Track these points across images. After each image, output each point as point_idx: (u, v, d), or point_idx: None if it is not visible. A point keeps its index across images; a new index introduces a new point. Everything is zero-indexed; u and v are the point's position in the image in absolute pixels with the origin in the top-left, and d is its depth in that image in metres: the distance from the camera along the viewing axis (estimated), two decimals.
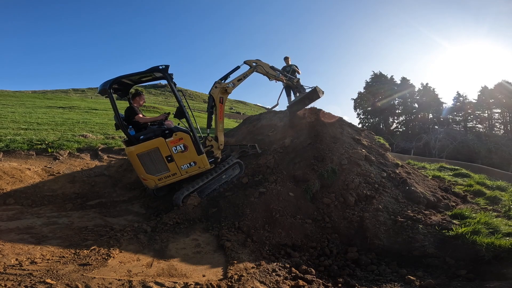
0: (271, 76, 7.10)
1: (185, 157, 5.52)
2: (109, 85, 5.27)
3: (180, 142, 5.44)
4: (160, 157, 5.40)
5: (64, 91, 49.62)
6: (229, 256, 3.86)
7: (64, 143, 7.97)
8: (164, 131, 5.43)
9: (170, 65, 5.41)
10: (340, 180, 5.78)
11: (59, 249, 3.69)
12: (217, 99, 6.22)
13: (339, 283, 3.63)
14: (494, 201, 5.99)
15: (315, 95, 7.41)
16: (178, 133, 5.43)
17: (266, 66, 6.93)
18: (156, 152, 5.38)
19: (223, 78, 6.41)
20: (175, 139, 5.41)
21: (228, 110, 49.17)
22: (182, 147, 5.46)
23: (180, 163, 5.51)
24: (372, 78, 48.09)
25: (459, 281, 3.62)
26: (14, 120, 11.52)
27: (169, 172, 5.50)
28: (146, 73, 5.47)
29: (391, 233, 4.71)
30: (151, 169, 5.42)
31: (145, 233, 4.36)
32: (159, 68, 5.31)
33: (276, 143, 7.44)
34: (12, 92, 35.21)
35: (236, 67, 6.61)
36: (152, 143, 5.34)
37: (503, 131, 41.84)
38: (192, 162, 5.58)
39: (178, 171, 5.55)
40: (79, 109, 19.08)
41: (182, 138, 5.45)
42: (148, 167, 5.40)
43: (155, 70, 5.35)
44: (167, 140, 5.38)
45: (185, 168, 5.57)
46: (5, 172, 6.05)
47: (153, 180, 5.48)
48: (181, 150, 5.46)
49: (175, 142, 5.42)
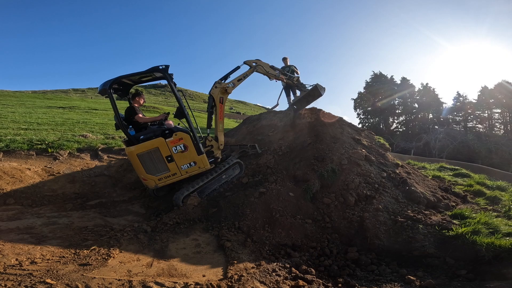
0: (271, 76, 7.13)
1: (185, 157, 5.51)
2: (109, 85, 5.26)
3: (180, 142, 5.43)
4: (160, 157, 5.39)
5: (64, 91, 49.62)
6: (229, 256, 3.86)
7: (64, 143, 7.97)
8: (164, 131, 5.42)
9: (170, 65, 5.43)
10: (340, 180, 5.78)
11: (59, 249, 3.69)
12: (217, 99, 6.23)
13: (339, 283, 3.63)
14: (494, 201, 5.99)
15: (317, 92, 7.35)
16: (178, 133, 5.43)
17: (266, 66, 6.95)
18: (156, 152, 5.37)
19: (223, 78, 6.42)
20: (175, 139, 5.41)
21: (228, 110, 49.18)
22: (182, 147, 5.46)
23: (180, 163, 5.51)
24: (372, 78, 48.07)
25: (459, 281, 3.62)
26: (14, 120, 11.52)
27: (169, 172, 5.49)
28: (146, 73, 5.47)
29: (391, 233, 4.71)
30: (151, 169, 5.41)
31: (145, 233, 4.36)
32: (159, 68, 5.32)
33: (276, 143, 7.43)
34: (12, 92, 35.20)
35: (236, 67, 6.63)
36: (152, 143, 5.33)
37: (503, 131, 41.82)
38: (192, 162, 5.58)
39: (178, 171, 5.54)
40: (79, 109, 19.08)
41: (182, 138, 5.45)
42: (148, 167, 5.40)
43: (155, 70, 5.35)
44: (167, 140, 5.37)
45: (185, 168, 5.56)
46: (5, 172, 6.05)
47: (153, 180, 5.47)
48: (181, 150, 5.45)
49: (175, 142, 5.41)
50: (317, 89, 7.32)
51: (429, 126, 41.87)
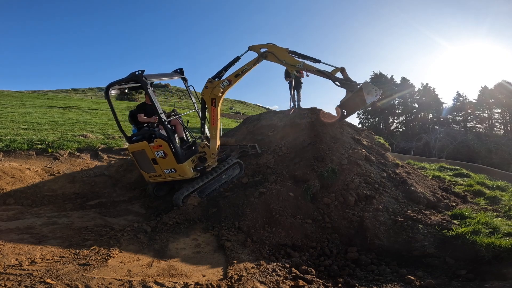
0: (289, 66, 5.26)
1: (167, 163, 5.54)
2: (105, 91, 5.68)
3: (160, 148, 5.46)
4: (147, 158, 5.61)
5: (64, 91, 49.63)
6: (229, 256, 3.86)
7: (64, 143, 7.97)
8: (151, 135, 5.51)
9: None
10: (340, 180, 5.77)
11: (59, 249, 3.69)
12: (208, 102, 5.33)
13: (339, 283, 3.63)
14: (494, 201, 5.99)
15: (370, 93, 4.98)
16: (157, 140, 5.41)
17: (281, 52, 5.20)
18: (144, 154, 5.61)
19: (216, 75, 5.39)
20: (156, 145, 5.45)
21: (228, 110, 49.12)
22: (162, 153, 5.48)
23: (163, 167, 5.62)
24: (372, 78, 48.04)
25: (459, 281, 3.62)
26: (14, 120, 11.52)
27: (156, 172, 5.72)
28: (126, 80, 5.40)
29: (391, 233, 4.71)
30: (143, 166, 5.80)
31: (145, 233, 4.36)
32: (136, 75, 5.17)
33: (276, 143, 7.43)
34: (12, 92, 35.21)
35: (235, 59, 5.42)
36: (139, 145, 5.59)
37: (503, 131, 41.81)
38: (173, 169, 5.58)
39: (162, 174, 5.68)
40: (79, 109, 19.09)
41: (162, 145, 5.42)
42: (141, 164, 5.84)
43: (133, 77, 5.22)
44: (150, 145, 5.47)
45: (168, 173, 5.65)
46: (5, 172, 6.05)
47: (146, 175, 5.92)
48: (162, 156, 5.51)
49: (156, 148, 5.48)
50: (370, 88, 4.99)
51: (429, 126, 41.86)
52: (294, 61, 5.20)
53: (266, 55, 5.26)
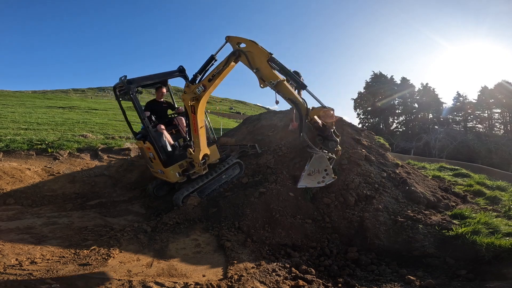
0: (259, 79, 4.22)
1: (156, 164, 5.72)
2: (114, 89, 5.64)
3: (149, 150, 5.62)
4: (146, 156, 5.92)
5: (64, 91, 49.62)
6: (229, 256, 3.86)
7: (64, 143, 7.96)
8: (146, 135, 5.61)
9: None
10: (340, 180, 5.77)
11: (59, 249, 3.69)
12: (188, 109, 4.82)
13: (339, 283, 3.63)
14: (494, 201, 5.99)
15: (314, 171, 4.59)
16: (147, 142, 5.57)
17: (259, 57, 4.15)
18: (143, 151, 5.95)
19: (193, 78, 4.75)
20: (147, 146, 5.63)
21: (228, 110, 49.14)
22: (152, 155, 5.68)
23: (156, 167, 5.83)
24: (372, 78, 48.10)
25: (459, 281, 3.62)
26: (14, 120, 11.52)
27: (154, 169, 5.99)
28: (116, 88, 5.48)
29: (391, 233, 4.71)
30: (147, 161, 6.09)
31: (145, 233, 4.36)
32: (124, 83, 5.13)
33: (276, 143, 7.43)
34: (12, 92, 35.21)
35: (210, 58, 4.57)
36: (139, 144, 5.93)
37: (503, 131, 41.83)
38: (161, 170, 5.73)
39: (157, 172, 5.94)
40: (79, 109, 19.09)
41: (150, 148, 5.56)
42: (146, 159, 6.15)
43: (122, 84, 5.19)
44: (144, 145, 5.68)
45: (160, 173, 5.83)
46: (5, 172, 6.05)
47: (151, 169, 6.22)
48: (152, 157, 5.70)
49: (147, 149, 5.66)
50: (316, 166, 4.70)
51: (429, 126, 41.88)
52: (270, 74, 4.11)
53: (240, 55, 4.29)
